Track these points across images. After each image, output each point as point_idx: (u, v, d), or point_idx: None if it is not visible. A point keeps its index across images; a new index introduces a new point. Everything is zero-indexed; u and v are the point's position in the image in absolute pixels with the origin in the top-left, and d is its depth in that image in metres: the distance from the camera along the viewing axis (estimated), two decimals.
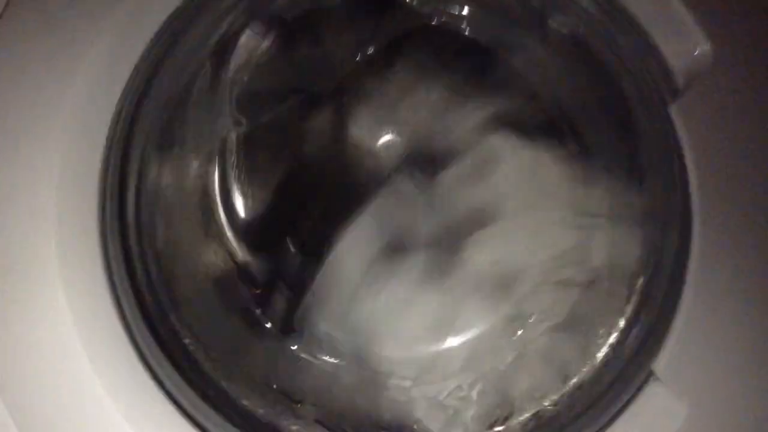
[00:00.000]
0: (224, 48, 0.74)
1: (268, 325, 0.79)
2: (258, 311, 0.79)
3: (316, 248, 0.78)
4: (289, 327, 0.78)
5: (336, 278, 0.76)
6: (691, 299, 0.56)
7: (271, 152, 0.84)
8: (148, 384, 0.58)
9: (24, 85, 0.56)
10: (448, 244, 0.75)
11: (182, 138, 0.73)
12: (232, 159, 0.82)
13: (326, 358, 0.77)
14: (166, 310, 0.67)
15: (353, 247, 0.76)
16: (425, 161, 0.83)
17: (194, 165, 0.79)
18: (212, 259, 0.79)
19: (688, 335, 0.56)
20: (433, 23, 0.80)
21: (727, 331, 0.56)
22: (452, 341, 0.74)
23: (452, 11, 0.80)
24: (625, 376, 0.61)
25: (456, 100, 0.79)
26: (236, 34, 0.75)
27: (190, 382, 0.63)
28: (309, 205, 0.86)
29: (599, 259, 0.72)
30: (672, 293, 0.58)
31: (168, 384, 0.60)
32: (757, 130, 0.56)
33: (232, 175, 0.83)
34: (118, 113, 0.59)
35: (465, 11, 0.80)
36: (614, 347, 0.66)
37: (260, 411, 0.69)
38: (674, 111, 0.57)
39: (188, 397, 0.62)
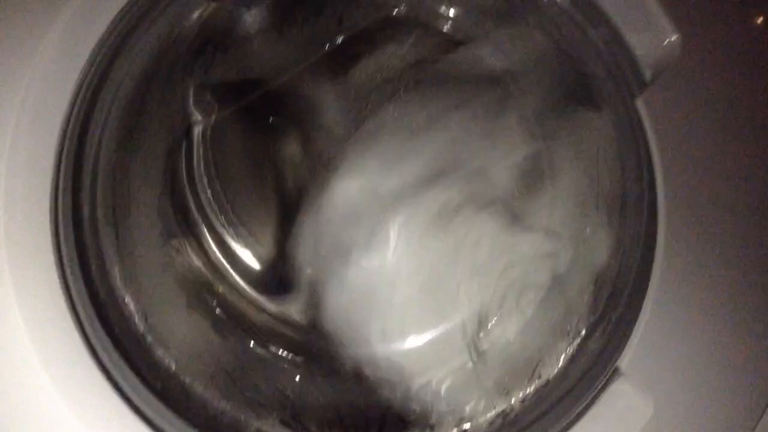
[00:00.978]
0: (184, 37, 0.72)
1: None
2: (218, 311, 0.78)
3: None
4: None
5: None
6: (655, 297, 0.56)
7: (237, 145, 0.83)
8: (103, 386, 0.57)
9: None
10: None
11: (142, 129, 0.72)
12: (198, 152, 0.81)
13: (290, 356, 0.76)
14: (122, 310, 0.65)
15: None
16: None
17: (156, 157, 0.77)
18: (174, 255, 0.78)
19: (653, 333, 0.56)
20: (400, 15, 0.78)
21: (692, 328, 0.56)
22: (419, 339, 0.73)
23: (422, 6, 0.79)
24: (591, 373, 0.61)
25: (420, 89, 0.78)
26: (198, 24, 0.73)
27: (149, 384, 0.62)
28: (279, 199, 0.85)
29: (565, 258, 0.71)
30: (637, 291, 0.58)
31: (125, 386, 0.58)
32: (724, 122, 0.56)
33: (199, 168, 0.82)
34: (73, 101, 0.57)
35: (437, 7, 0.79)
36: (580, 344, 0.66)
37: (223, 412, 0.68)
38: (641, 103, 0.56)
39: (147, 400, 0.60)
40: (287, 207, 0.83)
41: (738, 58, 0.56)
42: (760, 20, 0.57)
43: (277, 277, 0.83)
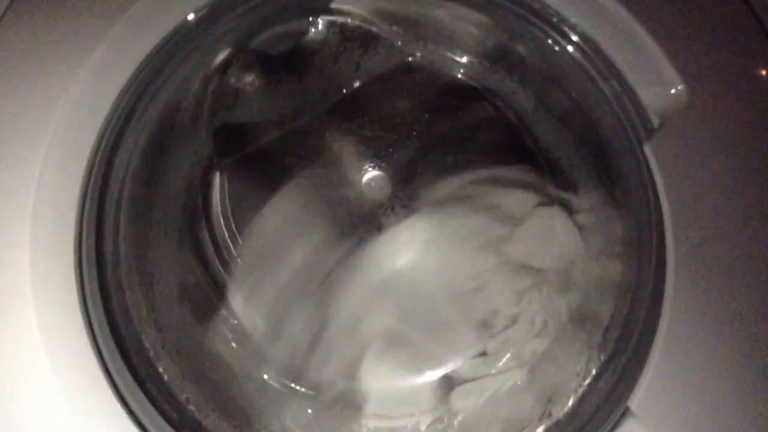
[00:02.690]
0: (207, 81, 0.75)
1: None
2: (234, 345, 0.79)
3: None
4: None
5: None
6: (665, 337, 0.56)
7: (254, 186, 0.84)
8: (111, 402, 0.57)
9: (4, 109, 0.57)
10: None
11: (164, 169, 0.73)
12: (216, 191, 0.82)
13: (297, 387, 0.77)
14: (141, 341, 0.66)
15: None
16: (408, 197, 0.84)
17: (177, 195, 0.79)
18: (189, 279, 0.79)
19: (663, 372, 0.56)
20: (416, 62, 0.81)
21: (702, 368, 0.56)
22: (430, 375, 0.73)
23: (437, 53, 0.82)
24: (601, 413, 0.61)
25: (438, 139, 0.81)
26: (220, 68, 0.76)
27: (166, 417, 0.62)
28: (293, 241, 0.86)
29: (576, 297, 0.72)
30: (647, 330, 0.59)
31: (144, 420, 0.59)
32: (730, 169, 0.57)
33: (217, 208, 0.84)
34: (98, 143, 0.59)
35: (450, 55, 0.82)
36: (591, 383, 0.66)
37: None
38: (649, 149, 0.58)
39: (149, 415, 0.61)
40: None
41: (742, 108, 0.58)
42: (764, 72, 0.59)
43: None
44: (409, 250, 0.78)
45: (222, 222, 0.85)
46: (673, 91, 0.58)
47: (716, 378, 0.56)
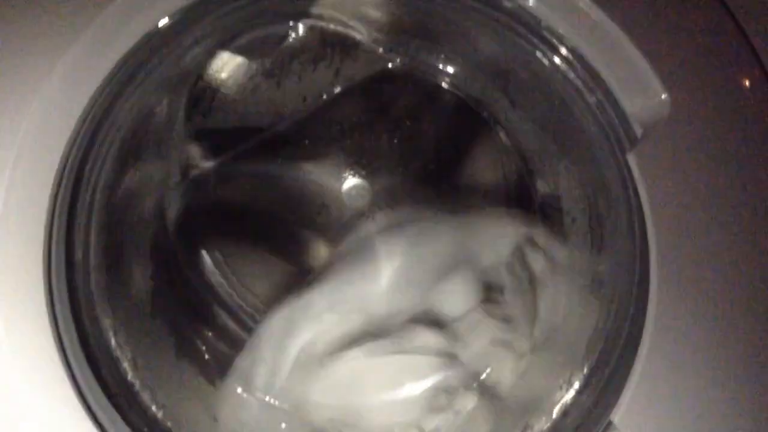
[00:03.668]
0: (184, 84, 0.73)
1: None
2: (207, 356, 0.78)
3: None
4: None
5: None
6: (649, 350, 0.56)
7: (231, 193, 0.83)
8: (80, 415, 0.56)
9: None
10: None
11: (137, 176, 0.72)
12: (191, 194, 0.81)
13: (278, 404, 0.75)
14: (112, 352, 0.64)
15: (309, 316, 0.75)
16: (389, 206, 0.83)
17: (150, 200, 0.77)
18: (166, 297, 0.77)
19: (646, 386, 0.56)
20: (398, 69, 0.80)
21: (685, 382, 0.56)
22: (411, 389, 0.72)
23: (419, 60, 0.81)
24: (584, 426, 0.61)
25: (419, 147, 0.80)
26: (197, 71, 0.74)
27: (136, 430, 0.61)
28: (272, 250, 0.85)
29: (558, 312, 0.71)
30: (630, 344, 0.58)
31: (103, 419, 0.58)
32: (713, 178, 0.57)
33: (190, 209, 0.82)
34: (69, 149, 0.57)
35: (433, 62, 0.81)
36: (573, 398, 0.65)
37: None
38: (632, 158, 0.58)
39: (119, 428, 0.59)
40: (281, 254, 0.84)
41: (725, 118, 0.58)
42: (746, 83, 0.59)
43: None
44: (388, 263, 0.77)
45: (197, 231, 0.84)
46: (656, 100, 0.58)
47: (699, 392, 0.56)
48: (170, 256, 0.81)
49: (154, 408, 0.65)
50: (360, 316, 0.74)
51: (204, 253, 0.86)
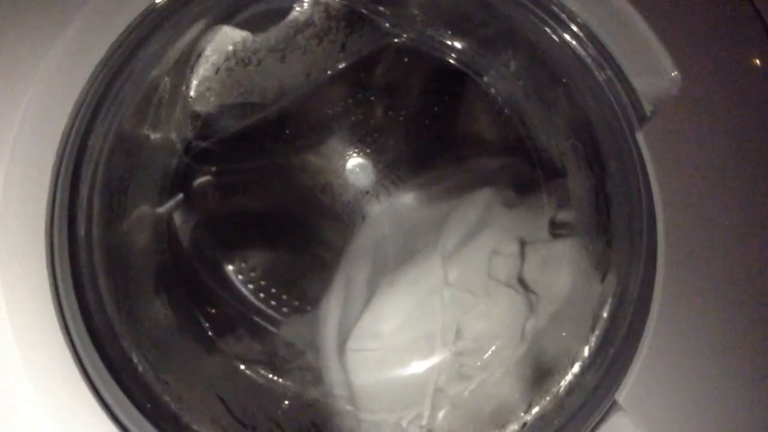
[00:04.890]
0: (185, 60, 0.72)
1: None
2: (211, 333, 0.77)
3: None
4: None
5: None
6: (654, 330, 0.56)
7: (233, 173, 0.83)
8: (95, 409, 0.55)
9: None
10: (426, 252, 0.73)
11: (140, 152, 0.71)
12: (197, 205, 0.80)
13: (282, 381, 0.75)
14: (116, 330, 0.64)
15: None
16: (394, 184, 0.82)
17: (153, 180, 0.76)
18: (165, 266, 0.77)
19: (651, 366, 0.56)
20: (403, 44, 0.79)
21: (691, 362, 0.55)
22: (443, 353, 0.71)
23: (426, 35, 0.80)
24: (588, 406, 0.61)
25: (424, 124, 0.79)
26: (199, 47, 0.73)
27: (140, 408, 0.60)
28: (286, 243, 0.84)
29: (564, 288, 0.71)
30: (636, 323, 0.58)
31: (118, 411, 0.57)
32: (722, 156, 0.57)
33: (195, 193, 0.82)
34: (71, 124, 0.57)
35: (439, 37, 0.80)
36: (578, 377, 0.65)
37: None
38: (641, 137, 0.57)
39: (139, 422, 0.59)
40: (281, 230, 0.83)
41: (735, 96, 0.57)
42: (757, 61, 0.58)
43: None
44: (396, 229, 0.76)
45: (224, 261, 0.84)
46: (666, 78, 0.57)
47: (704, 371, 0.56)
48: (173, 236, 0.80)
49: (158, 387, 0.65)
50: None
51: (232, 270, 0.85)
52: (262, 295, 0.84)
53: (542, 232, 0.72)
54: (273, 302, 0.84)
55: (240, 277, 0.84)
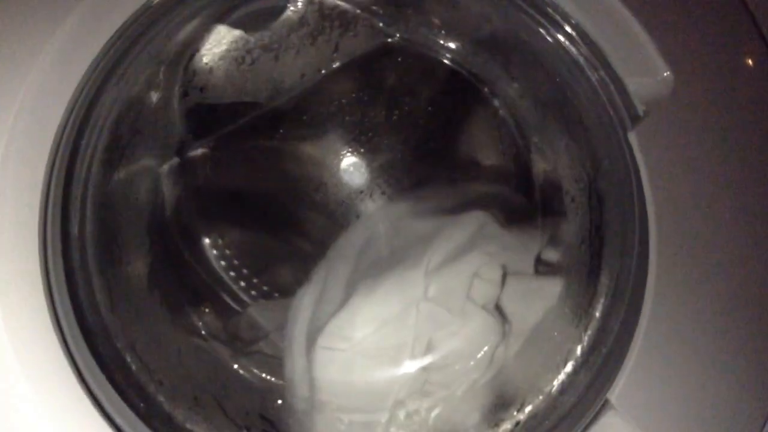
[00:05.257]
0: (179, 59, 0.72)
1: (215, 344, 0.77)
2: (204, 332, 0.77)
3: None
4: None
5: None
6: (646, 329, 0.56)
7: (227, 170, 0.83)
8: (88, 409, 0.55)
9: None
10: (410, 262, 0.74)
11: (134, 151, 0.71)
12: (188, 175, 0.80)
13: (275, 380, 0.75)
14: (109, 330, 0.64)
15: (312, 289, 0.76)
16: (388, 184, 0.83)
17: (147, 178, 0.76)
18: (160, 276, 0.77)
19: (643, 365, 0.56)
20: (397, 44, 0.79)
21: (682, 361, 0.56)
22: (410, 366, 0.72)
23: (419, 35, 0.80)
24: (580, 405, 0.61)
25: (418, 124, 0.79)
26: (193, 45, 0.73)
27: (134, 408, 0.60)
28: (268, 229, 0.84)
29: (557, 287, 0.71)
30: (629, 323, 0.58)
31: (111, 411, 0.57)
32: (715, 157, 0.56)
33: (188, 191, 0.82)
34: (65, 122, 0.57)
35: (433, 37, 0.80)
36: (570, 376, 0.65)
37: None
38: (633, 137, 0.57)
39: (131, 421, 0.59)
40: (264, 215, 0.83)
41: (728, 96, 0.57)
42: (749, 61, 0.58)
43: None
44: (386, 233, 0.77)
45: (202, 233, 0.84)
46: (658, 78, 0.57)
47: (696, 371, 0.56)
48: (166, 232, 0.80)
49: (151, 387, 0.65)
50: None
51: (200, 228, 0.85)
52: (232, 273, 0.86)
53: (527, 265, 0.73)
54: (242, 283, 0.86)
55: (214, 251, 0.85)
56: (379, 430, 0.69)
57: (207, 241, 0.85)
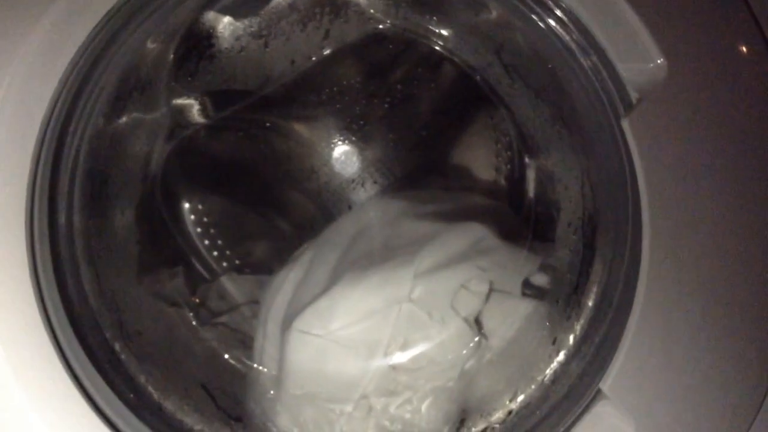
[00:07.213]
0: (167, 47, 0.71)
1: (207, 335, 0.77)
2: (195, 322, 0.77)
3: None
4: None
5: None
6: (638, 319, 0.55)
7: (218, 153, 0.82)
8: (77, 400, 0.55)
9: None
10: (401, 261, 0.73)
11: (121, 139, 0.70)
12: (177, 155, 0.80)
13: (267, 370, 0.75)
14: (98, 320, 0.64)
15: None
16: (380, 174, 0.82)
17: (135, 167, 0.76)
18: (147, 255, 0.76)
19: (635, 355, 0.55)
20: (389, 30, 0.78)
21: (674, 351, 0.55)
22: (382, 362, 0.71)
23: (411, 22, 0.80)
24: (573, 394, 0.61)
25: (410, 112, 0.79)
26: (181, 33, 0.72)
27: (124, 398, 0.60)
28: (250, 205, 0.84)
29: (539, 313, 0.71)
30: (621, 312, 0.58)
31: (101, 402, 0.57)
32: (709, 144, 0.56)
33: (180, 174, 0.81)
34: (51, 110, 0.56)
35: (424, 24, 0.80)
36: (563, 365, 0.65)
37: (197, 428, 0.66)
38: (627, 124, 0.57)
39: (120, 412, 0.59)
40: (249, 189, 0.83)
41: (722, 83, 0.57)
42: (743, 48, 0.58)
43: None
44: (381, 227, 0.76)
45: (184, 196, 0.83)
46: (652, 65, 0.56)
47: (688, 360, 0.55)
48: (156, 213, 0.80)
49: (141, 378, 0.64)
50: None
51: (182, 190, 0.85)
52: (206, 242, 0.85)
53: (513, 286, 0.73)
54: (215, 252, 0.86)
55: (192, 216, 0.85)
56: (342, 420, 0.69)
57: (187, 205, 0.84)
